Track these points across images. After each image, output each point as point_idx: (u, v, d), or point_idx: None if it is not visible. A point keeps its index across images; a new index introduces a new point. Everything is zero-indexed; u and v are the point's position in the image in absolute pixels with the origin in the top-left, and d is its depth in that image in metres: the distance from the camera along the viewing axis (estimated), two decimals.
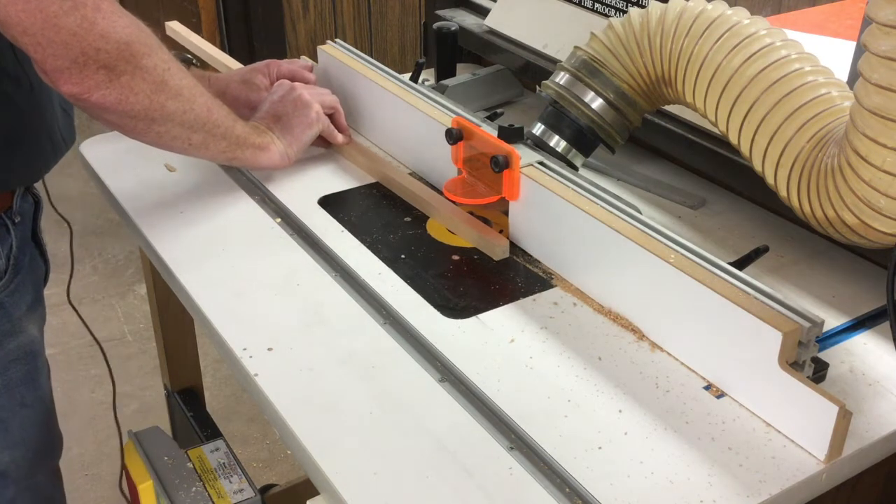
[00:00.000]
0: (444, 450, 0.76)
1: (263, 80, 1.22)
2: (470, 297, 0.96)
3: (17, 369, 1.05)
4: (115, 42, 0.86)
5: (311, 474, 0.77)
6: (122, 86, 0.88)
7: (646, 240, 0.89)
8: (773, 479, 0.74)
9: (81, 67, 0.84)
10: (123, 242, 2.80)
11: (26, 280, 1.04)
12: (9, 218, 1.00)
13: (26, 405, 1.07)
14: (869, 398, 0.83)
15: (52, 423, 1.16)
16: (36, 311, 1.07)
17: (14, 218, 1.01)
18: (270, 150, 1.10)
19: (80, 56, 0.84)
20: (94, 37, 0.84)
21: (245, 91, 1.21)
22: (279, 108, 1.14)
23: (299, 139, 1.14)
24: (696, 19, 0.97)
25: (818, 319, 0.78)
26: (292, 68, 1.25)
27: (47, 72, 0.85)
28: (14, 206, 1.01)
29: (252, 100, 1.20)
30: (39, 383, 1.10)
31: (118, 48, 0.86)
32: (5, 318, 1.01)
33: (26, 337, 1.05)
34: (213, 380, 2.28)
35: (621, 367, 0.86)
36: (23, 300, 1.04)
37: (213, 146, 1.02)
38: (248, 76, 1.22)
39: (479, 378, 0.84)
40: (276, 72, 1.23)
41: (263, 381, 0.83)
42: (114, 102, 0.88)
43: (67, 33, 0.82)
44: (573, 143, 1.09)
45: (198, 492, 1.16)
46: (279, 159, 1.12)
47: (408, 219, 1.10)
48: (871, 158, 0.81)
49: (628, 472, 0.74)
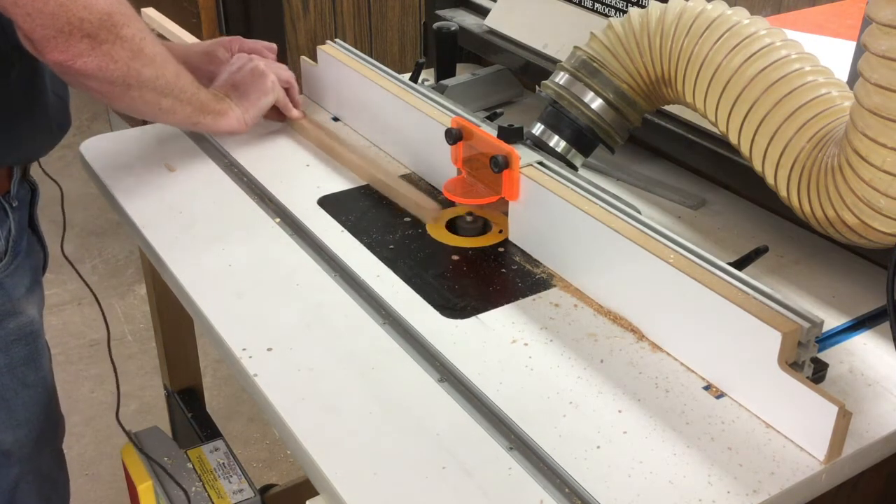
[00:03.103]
0: (444, 450, 0.76)
1: (225, 54, 1.27)
2: (469, 297, 0.96)
3: (19, 349, 1.08)
4: (97, 12, 0.91)
5: (310, 475, 0.77)
6: (103, 53, 0.93)
7: (645, 240, 0.89)
8: (772, 480, 0.74)
9: (67, 36, 0.90)
10: (123, 242, 2.80)
11: (24, 264, 1.07)
12: (7, 202, 1.04)
13: (28, 385, 1.10)
14: (869, 398, 0.83)
15: (54, 404, 1.18)
16: (35, 294, 1.11)
17: (12, 202, 1.05)
18: (229, 116, 1.15)
19: (66, 25, 0.89)
20: (79, 7, 0.89)
21: (206, 62, 1.26)
22: (237, 77, 1.20)
23: (255, 105, 1.19)
24: (695, 19, 0.97)
25: (818, 320, 0.77)
26: (255, 45, 1.29)
27: (34, 40, 0.90)
28: (12, 190, 1.05)
29: (212, 71, 1.24)
30: (41, 364, 1.12)
31: (100, 18, 0.91)
32: (5, 298, 1.05)
33: (26, 318, 1.08)
34: (212, 380, 2.28)
35: (621, 367, 0.86)
36: (21, 282, 1.07)
37: (180, 111, 1.08)
38: (211, 48, 1.27)
39: (478, 378, 0.84)
40: (238, 47, 1.28)
41: (263, 382, 0.83)
42: (95, 69, 0.94)
43: (55, 4, 0.88)
44: (573, 143, 1.08)
45: (198, 492, 1.16)
46: (237, 124, 1.17)
47: (407, 219, 1.10)
48: (871, 158, 0.81)
49: (628, 472, 0.74)
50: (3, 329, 1.06)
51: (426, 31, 1.60)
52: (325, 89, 1.37)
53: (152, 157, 1.21)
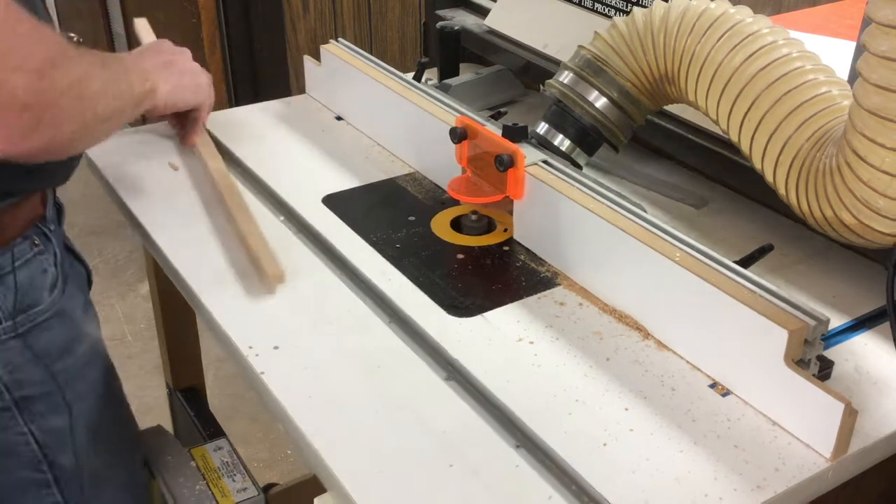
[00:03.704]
0: (451, 447, 0.76)
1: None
2: (475, 295, 0.96)
3: (93, 372, 1.01)
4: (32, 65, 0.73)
5: (318, 472, 0.77)
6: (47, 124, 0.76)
7: (651, 238, 0.89)
8: (778, 477, 0.74)
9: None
10: (123, 242, 2.80)
11: (74, 284, 1.00)
12: (45, 227, 0.96)
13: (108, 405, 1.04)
14: (873, 397, 0.84)
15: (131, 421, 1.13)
16: (90, 312, 1.04)
17: (49, 226, 0.97)
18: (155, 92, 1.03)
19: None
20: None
21: None
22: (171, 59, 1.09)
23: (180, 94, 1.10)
24: (698, 18, 0.97)
25: (824, 317, 0.78)
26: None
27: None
28: (48, 214, 0.97)
29: None
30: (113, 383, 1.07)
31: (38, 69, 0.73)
32: (71, 324, 0.97)
33: (92, 338, 1.02)
34: (214, 378, 2.28)
35: (627, 365, 0.86)
36: (77, 304, 1.00)
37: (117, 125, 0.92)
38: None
39: (485, 376, 0.84)
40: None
41: (270, 380, 0.84)
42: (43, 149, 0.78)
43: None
44: (577, 142, 1.09)
45: (201, 490, 1.16)
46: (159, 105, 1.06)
47: (412, 217, 1.10)
48: (869, 159, 0.81)
49: (634, 469, 0.75)
50: (74, 356, 0.97)
51: (426, 31, 1.61)
52: (328, 89, 1.37)
53: (156, 156, 1.21)
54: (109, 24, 3.33)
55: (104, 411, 1.03)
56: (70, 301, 0.98)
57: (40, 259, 0.93)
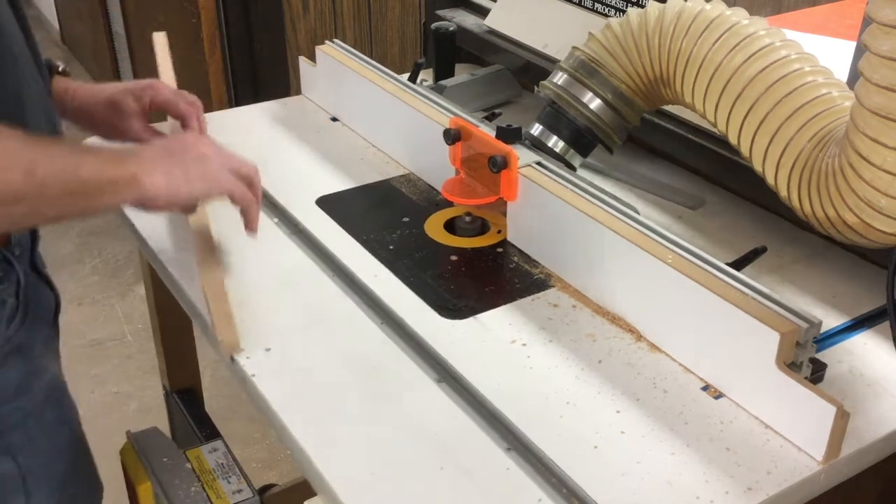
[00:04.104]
0: (442, 450, 0.76)
1: (132, 106, 1.01)
2: (468, 297, 0.96)
3: (50, 412, 0.95)
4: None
5: (308, 475, 0.77)
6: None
7: (644, 240, 0.88)
8: (770, 480, 0.74)
9: None
10: (123, 242, 2.81)
11: (37, 315, 0.92)
12: (10, 252, 0.88)
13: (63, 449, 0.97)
14: (868, 398, 0.83)
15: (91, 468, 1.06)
16: (51, 345, 0.97)
17: (14, 251, 0.88)
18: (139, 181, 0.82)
19: None
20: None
21: (109, 114, 1.01)
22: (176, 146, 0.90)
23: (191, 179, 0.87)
24: (694, 19, 0.97)
25: (816, 320, 0.77)
26: (172, 97, 1.04)
27: None
28: (13, 239, 0.88)
29: (114, 126, 1.02)
30: (72, 425, 1.00)
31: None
32: (26, 360, 0.90)
33: (50, 374, 0.96)
34: (212, 380, 2.28)
35: (619, 367, 0.86)
36: (38, 336, 0.93)
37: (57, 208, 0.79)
38: (117, 97, 1.02)
39: (477, 379, 0.84)
40: (152, 99, 1.03)
41: (260, 382, 0.83)
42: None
43: None
44: (571, 143, 1.08)
45: (196, 492, 1.16)
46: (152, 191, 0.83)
47: (406, 219, 1.10)
48: (871, 158, 0.81)
49: (625, 472, 0.74)
50: (30, 394, 0.90)
51: (426, 31, 1.60)
52: (323, 90, 1.37)
53: None
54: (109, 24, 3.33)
55: (60, 454, 0.96)
56: (29, 334, 0.90)
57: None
